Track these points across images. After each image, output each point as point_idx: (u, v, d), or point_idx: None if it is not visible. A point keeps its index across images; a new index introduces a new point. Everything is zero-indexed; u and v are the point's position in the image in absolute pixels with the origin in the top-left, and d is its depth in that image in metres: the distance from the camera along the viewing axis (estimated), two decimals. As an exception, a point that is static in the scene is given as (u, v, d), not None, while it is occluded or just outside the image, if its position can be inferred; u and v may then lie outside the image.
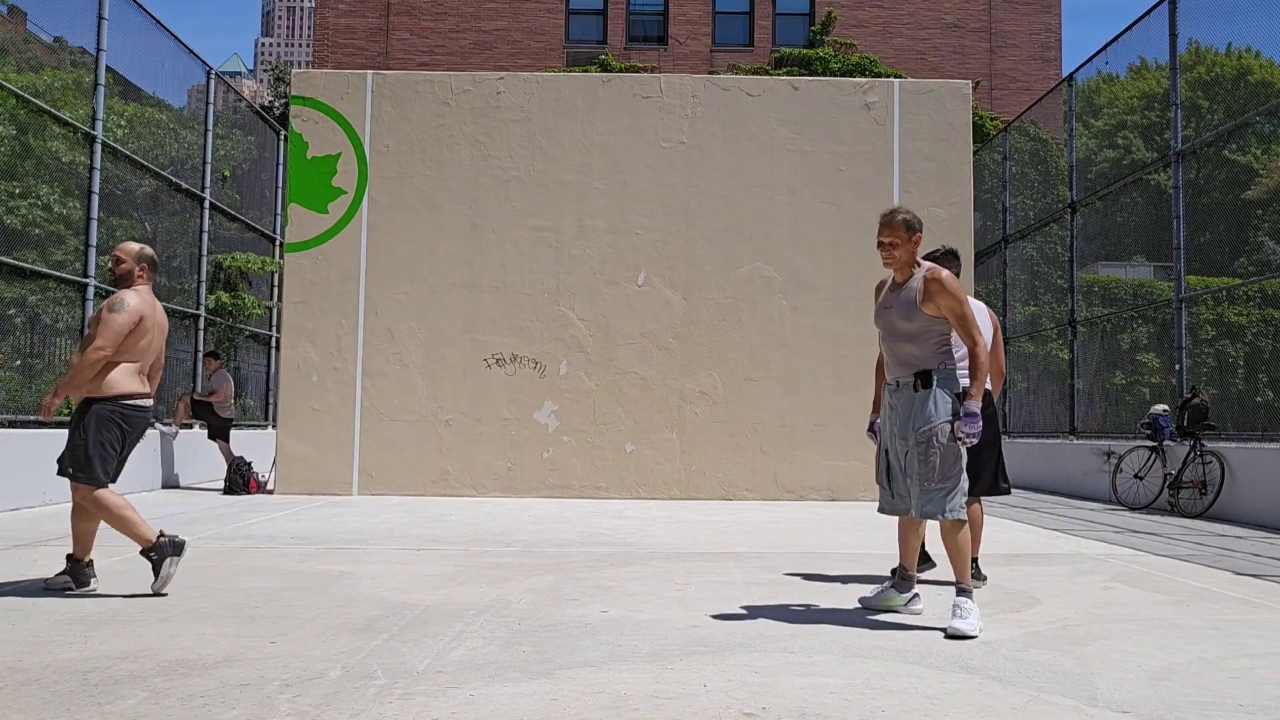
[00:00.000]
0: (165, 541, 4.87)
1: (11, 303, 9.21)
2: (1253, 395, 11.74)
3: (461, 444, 11.01)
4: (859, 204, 11.34)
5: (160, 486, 11.20)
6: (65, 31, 10.81)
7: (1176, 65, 11.43)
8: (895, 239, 4.46)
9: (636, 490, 11.05)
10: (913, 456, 4.31)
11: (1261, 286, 11.66)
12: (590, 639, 3.97)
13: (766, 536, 7.61)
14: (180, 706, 3.01)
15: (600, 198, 11.36)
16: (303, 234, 11.19)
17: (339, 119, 11.34)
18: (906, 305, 4.40)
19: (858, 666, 3.59)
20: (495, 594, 4.95)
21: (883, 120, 11.49)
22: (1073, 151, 13.85)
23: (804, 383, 11.20)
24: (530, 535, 7.42)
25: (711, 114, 11.47)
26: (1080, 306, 13.77)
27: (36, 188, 9.86)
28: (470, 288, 11.21)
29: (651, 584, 5.32)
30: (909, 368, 4.40)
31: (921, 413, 4.32)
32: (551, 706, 3.05)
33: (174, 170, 12.47)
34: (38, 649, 3.70)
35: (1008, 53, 24.63)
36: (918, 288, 4.40)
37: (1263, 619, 4.64)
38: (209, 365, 11.86)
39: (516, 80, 11.60)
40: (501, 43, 24.41)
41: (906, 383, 4.41)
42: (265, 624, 4.17)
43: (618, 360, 11.19)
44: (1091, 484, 12.24)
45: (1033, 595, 5.15)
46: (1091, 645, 4.00)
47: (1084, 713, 3.08)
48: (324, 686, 3.24)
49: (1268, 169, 13.05)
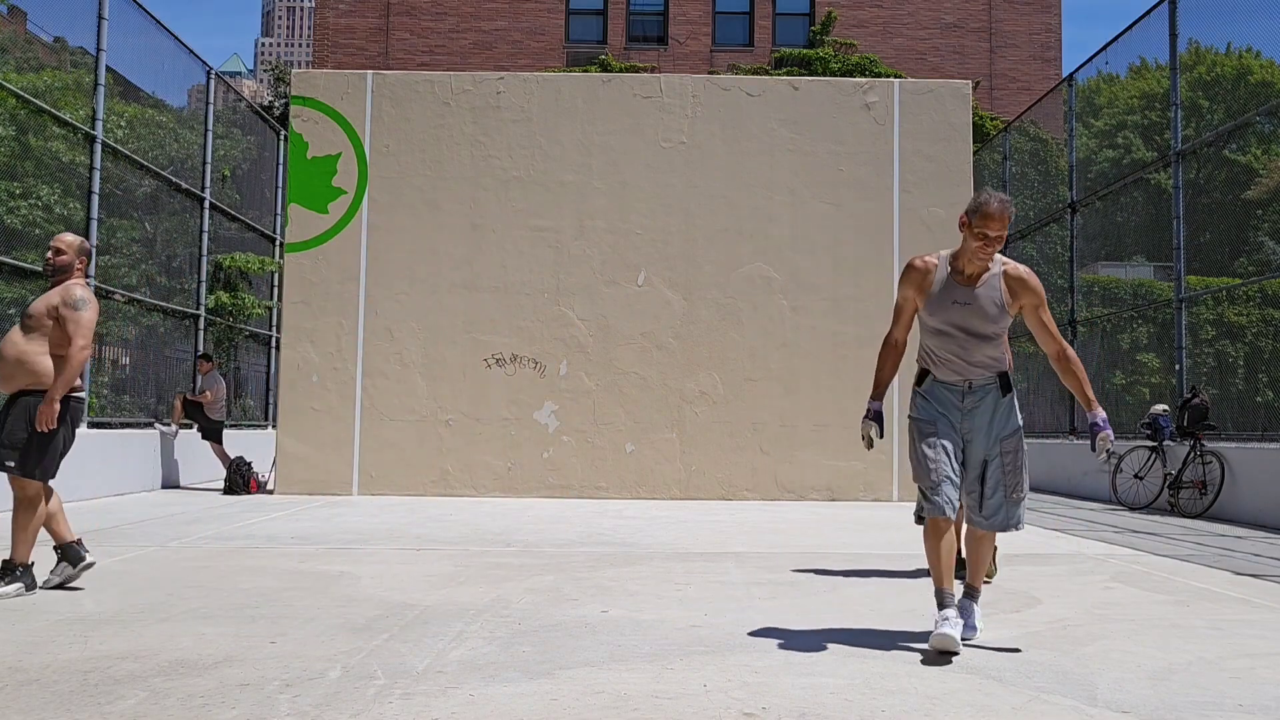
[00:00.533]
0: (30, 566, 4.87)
1: (11, 303, 9.21)
2: (1253, 395, 11.73)
3: (461, 444, 11.02)
4: (859, 204, 11.35)
5: (160, 486, 11.20)
6: (65, 31, 10.82)
7: (1176, 65, 11.43)
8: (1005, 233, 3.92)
9: (636, 490, 11.05)
10: (996, 465, 3.97)
11: (1261, 286, 11.66)
12: (590, 639, 3.97)
13: (766, 536, 7.61)
14: (180, 706, 3.01)
15: (600, 198, 11.36)
16: (303, 234, 11.19)
17: (339, 119, 11.34)
18: (990, 305, 3.96)
19: (858, 666, 3.59)
20: (495, 594, 4.95)
21: (883, 120, 11.49)
22: (1073, 151, 13.85)
23: (804, 383, 11.20)
24: (530, 535, 7.42)
25: (711, 114, 11.47)
26: (1080, 306, 13.77)
27: (36, 188, 9.86)
28: (470, 288, 11.21)
29: (651, 584, 5.32)
30: (988, 370, 4.01)
31: (1008, 420, 4.00)
32: (551, 706, 3.05)
33: (174, 170, 12.47)
34: (38, 649, 3.70)
35: (1008, 53, 24.63)
36: (1000, 286, 3.96)
37: (1263, 619, 4.64)
38: (201, 367, 11.87)
39: (516, 80, 11.60)
40: (501, 43, 24.41)
41: (987, 385, 4.02)
42: (265, 624, 4.17)
43: (618, 360, 11.19)
44: (1091, 484, 12.24)
45: (1033, 595, 5.15)
46: (1091, 645, 4.00)
47: (1084, 713, 3.08)
48: (324, 686, 3.24)
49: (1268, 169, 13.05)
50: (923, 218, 11.33)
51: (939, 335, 4.03)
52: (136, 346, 11.97)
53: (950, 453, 3.95)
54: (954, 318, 3.97)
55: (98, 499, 9.53)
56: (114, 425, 10.63)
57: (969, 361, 4.01)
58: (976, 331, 3.97)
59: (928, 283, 4.04)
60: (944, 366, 4.05)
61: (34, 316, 4.77)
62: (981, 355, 4.00)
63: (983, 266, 3.96)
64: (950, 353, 4.02)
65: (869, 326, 11.23)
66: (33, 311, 4.79)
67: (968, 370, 4.01)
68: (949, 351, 4.02)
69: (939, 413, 4.03)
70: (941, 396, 4.05)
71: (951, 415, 4.02)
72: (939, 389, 4.06)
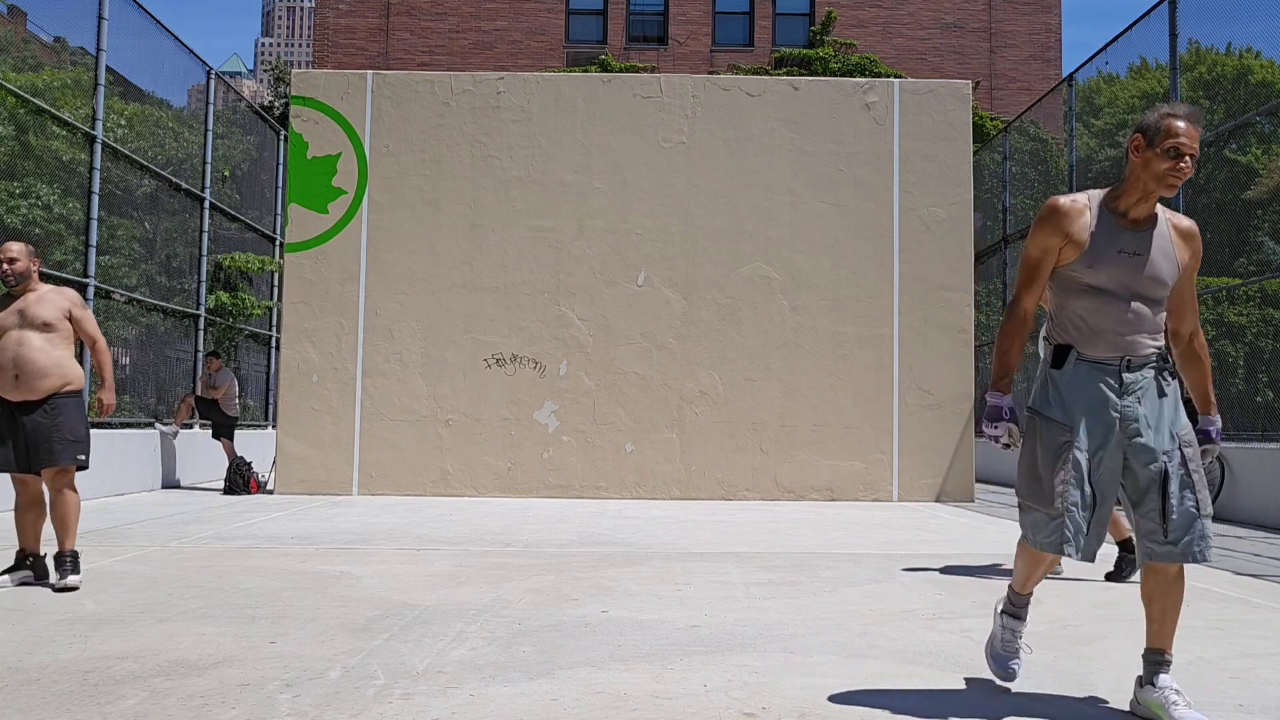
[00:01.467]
0: (43, 558, 5.12)
1: (11, 303, 9.20)
2: (1253, 395, 11.73)
3: (461, 444, 11.02)
4: (859, 204, 11.35)
5: (160, 486, 11.20)
6: (65, 31, 10.83)
7: (1176, 65, 11.42)
8: (1198, 152, 3.00)
9: (636, 490, 11.05)
10: (1178, 470, 3.00)
11: (1261, 286, 11.66)
12: (590, 639, 3.97)
13: (766, 536, 7.61)
14: (180, 706, 3.00)
15: (600, 198, 11.36)
16: (303, 234, 11.19)
17: (339, 119, 11.34)
18: (1163, 260, 3.07)
19: (858, 666, 3.59)
20: (495, 594, 4.95)
21: (883, 120, 11.49)
22: (1073, 151, 13.85)
23: (804, 383, 11.20)
24: (530, 535, 7.42)
25: (711, 114, 11.48)
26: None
27: (36, 187, 9.86)
28: (470, 288, 11.21)
29: (651, 584, 5.32)
30: (1154, 341, 3.09)
31: (1177, 409, 3.09)
32: (551, 706, 3.05)
33: (174, 170, 12.47)
34: (38, 649, 3.70)
35: (1008, 53, 24.63)
36: (1169, 234, 3.10)
37: (1263, 619, 4.63)
38: (210, 365, 11.87)
39: (516, 80, 11.61)
40: (501, 43, 24.41)
41: (1148, 364, 3.07)
42: (265, 624, 4.17)
43: (618, 360, 11.19)
44: (1091, 484, 12.21)
45: (1033, 595, 5.14)
46: (1092, 645, 4.00)
47: (1084, 713, 3.08)
48: (324, 686, 3.24)
49: (1268, 169, 13.05)
50: (923, 218, 11.33)
51: (1097, 297, 3.07)
52: (136, 346, 11.97)
53: (1086, 474, 3.02)
54: (1122, 274, 3.05)
55: (98, 499, 9.53)
56: (114, 425, 10.63)
57: (1133, 326, 3.07)
58: (1146, 294, 3.07)
59: (1080, 228, 3.08)
60: (1097, 340, 3.07)
61: (52, 323, 5.03)
62: (1150, 320, 3.09)
63: (1151, 209, 3.09)
64: (1110, 321, 3.07)
65: (869, 326, 11.24)
66: (49, 318, 5.03)
67: (1128, 345, 3.07)
68: (1109, 319, 3.07)
69: (1083, 410, 3.05)
70: (1087, 383, 3.06)
71: (1102, 413, 3.04)
72: (1085, 372, 3.07)
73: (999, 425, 3.13)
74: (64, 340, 5.08)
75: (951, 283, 11.29)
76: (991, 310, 16.52)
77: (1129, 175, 3.08)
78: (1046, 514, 3.03)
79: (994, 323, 16.46)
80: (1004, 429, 3.13)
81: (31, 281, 5.12)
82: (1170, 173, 2.96)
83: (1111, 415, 3.02)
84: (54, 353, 5.01)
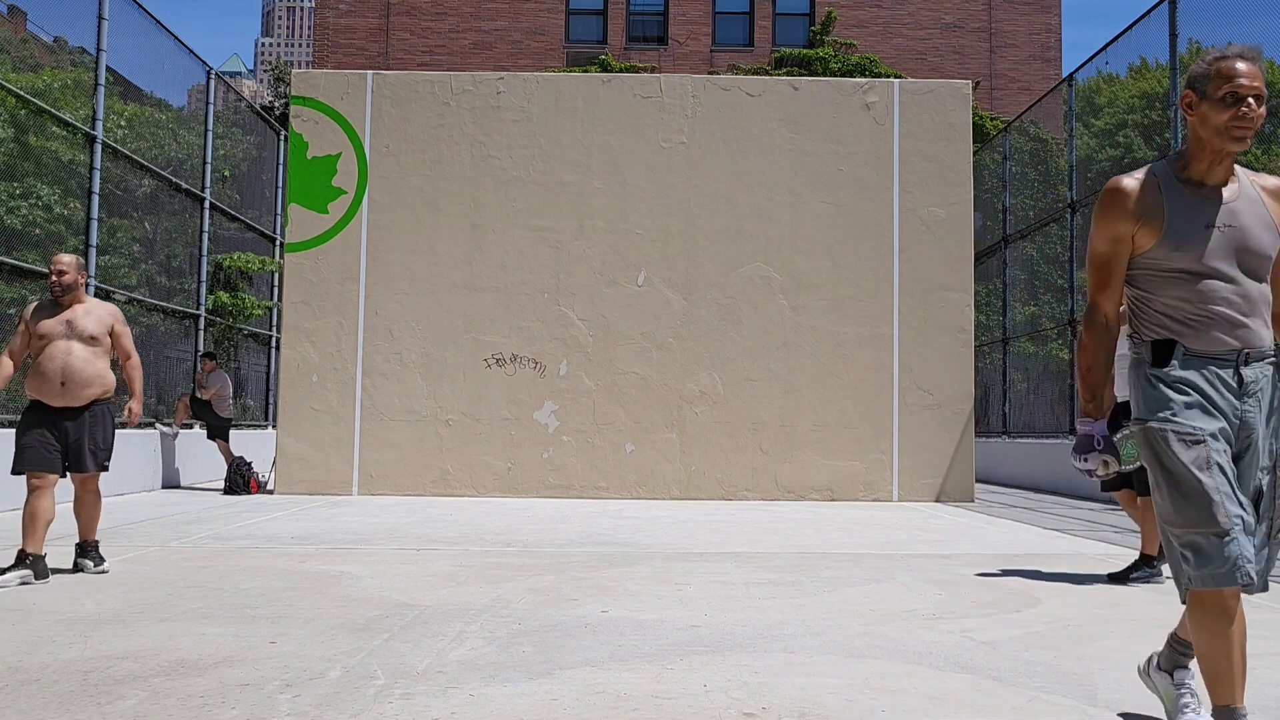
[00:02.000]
0: (43, 558, 5.21)
1: (11, 303, 9.21)
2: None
3: (461, 444, 11.02)
4: (859, 204, 11.35)
5: (160, 486, 11.20)
6: (65, 31, 10.82)
7: (1176, 65, 11.42)
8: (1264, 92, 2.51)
9: (636, 490, 11.05)
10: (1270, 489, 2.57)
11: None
12: (590, 639, 3.97)
13: (766, 536, 7.61)
14: (180, 706, 3.00)
15: (600, 198, 11.36)
16: (303, 234, 11.19)
17: (339, 119, 11.34)
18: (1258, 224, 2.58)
19: (858, 666, 3.59)
20: (495, 594, 4.95)
21: (883, 120, 11.49)
22: (1073, 151, 13.84)
23: (804, 383, 11.20)
24: (530, 535, 7.42)
25: (711, 114, 11.48)
26: (1080, 306, 13.76)
27: (37, 188, 9.86)
28: (470, 288, 11.21)
29: (651, 584, 5.32)
30: (1264, 324, 2.59)
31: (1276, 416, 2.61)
32: (551, 706, 3.05)
33: (174, 170, 12.47)
34: (38, 649, 3.70)
35: (1008, 53, 24.63)
36: (1259, 198, 2.62)
37: (1263, 619, 4.63)
38: (205, 365, 11.87)
39: (516, 80, 11.61)
40: (501, 43, 24.41)
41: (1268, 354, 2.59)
42: (265, 624, 4.17)
43: (618, 360, 11.19)
44: (1091, 484, 12.24)
45: (1033, 595, 5.15)
46: (1092, 645, 4.00)
47: (1084, 713, 3.08)
48: (324, 686, 3.24)
49: (1268, 169, 13.05)
50: (923, 218, 11.33)
51: (1192, 282, 2.57)
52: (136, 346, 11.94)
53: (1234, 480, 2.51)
54: (1215, 251, 2.56)
55: (98, 499, 9.53)
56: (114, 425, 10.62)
57: (1244, 316, 2.56)
58: (1251, 268, 2.57)
59: (1151, 207, 2.60)
60: (1204, 330, 2.57)
61: (97, 337, 5.40)
62: (1261, 306, 2.59)
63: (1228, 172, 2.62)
64: (1215, 307, 2.56)
65: (869, 326, 11.24)
66: (95, 332, 5.39)
67: (1244, 336, 2.56)
68: (1213, 305, 2.56)
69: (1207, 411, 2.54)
70: (1202, 381, 2.56)
71: (1227, 411, 2.55)
72: (1198, 368, 2.56)
73: (1090, 458, 2.68)
74: (105, 353, 5.47)
75: (951, 283, 11.30)
76: (991, 310, 16.52)
77: (1190, 139, 2.63)
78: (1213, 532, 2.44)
79: (994, 323, 16.46)
80: (1096, 461, 2.68)
81: (79, 293, 5.41)
82: (1233, 123, 2.50)
83: (1233, 420, 2.54)
84: (97, 364, 5.39)
